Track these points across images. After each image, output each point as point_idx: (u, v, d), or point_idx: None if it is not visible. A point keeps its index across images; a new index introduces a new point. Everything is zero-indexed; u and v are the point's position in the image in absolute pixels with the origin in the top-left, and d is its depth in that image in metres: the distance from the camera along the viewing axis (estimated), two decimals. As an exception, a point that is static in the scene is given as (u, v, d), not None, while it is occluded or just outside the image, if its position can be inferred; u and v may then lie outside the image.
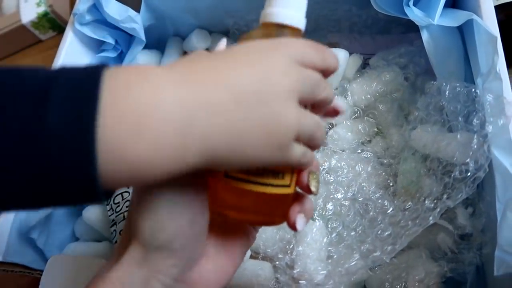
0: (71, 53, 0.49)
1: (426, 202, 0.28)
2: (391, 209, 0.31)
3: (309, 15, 0.51)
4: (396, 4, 0.39)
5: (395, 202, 0.32)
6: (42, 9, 0.68)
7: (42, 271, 0.36)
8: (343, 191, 0.34)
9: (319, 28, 0.52)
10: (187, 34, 0.56)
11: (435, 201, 0.28)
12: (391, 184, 0.34)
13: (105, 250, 0.40)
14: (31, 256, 0.40)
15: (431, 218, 0.26)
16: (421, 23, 0.36)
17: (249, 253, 0.35)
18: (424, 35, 0.36)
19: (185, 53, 0.57)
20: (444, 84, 0.33)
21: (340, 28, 0.51)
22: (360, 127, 0.39)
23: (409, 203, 0.30)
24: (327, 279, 0.29)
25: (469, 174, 0.27)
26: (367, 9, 0.45)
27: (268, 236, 0.35)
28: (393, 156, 0.36)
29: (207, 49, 0.56)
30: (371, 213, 0.32)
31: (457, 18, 0.35)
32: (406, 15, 0.37)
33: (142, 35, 0.50)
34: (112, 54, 0.53)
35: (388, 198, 0.32)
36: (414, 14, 0.36)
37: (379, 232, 0.30)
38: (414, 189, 0.31)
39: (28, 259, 0.39)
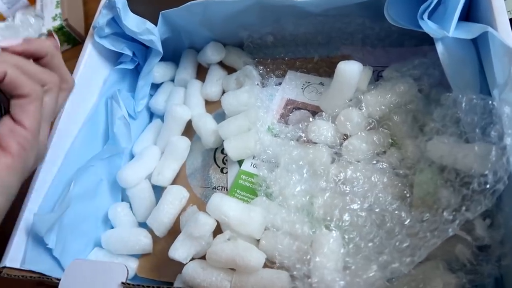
0: (90, 65, 0.50)
1: (444, 213, 0.28)
2: (408, 220, 0.31)
3: (321, 29, 0.52)
4: (410, 17, 0.39)
5: (412, 213, 0.32)
6: (57, 23, 0.69)
7: (59, 279, 0.37)
8: (359, 202, 0.34)
9: (332, 41, 0.53)
10: (202, 46, 0.57)
11: (453, 213, 0.28)
12: (408, 195, 0.34)
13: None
14: (48, 265, 0.40)
15: (450, 230, 0.26)
16: (436, 36, 0.36)
17: (263, 261, 0.35)
18: (439, 47, 0.36)
19: (199, 65, 0.58)
20: (460, 96, 0.33)
21: (353, 41, 0.52)
22: (375, 138, 0.39)
23: (427, 214, 0.30)
24: (344, 290, 0.29)
25: (488, 186, 0.27)
26: (380, 22, 0.46)
27: (284, 246, 0.35)
28: (409, 167, 0.36)
29: (221, 62, 0.56)
30: (388, 224, 0.32)
31: (472, 30, 0.35)
32: (420, 27, 0.37)
33: (159, 47, 0.51)
34: (129, 66, 0.54)
35: (405, 209, 0.32)
36: (429, 26, 0.36)
37: (397, 244, 0.30)
38: (431, 200, 0.32)
39: (45, 267, 0.39)
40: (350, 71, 0.42)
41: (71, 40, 0.72)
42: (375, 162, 0.38)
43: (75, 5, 0.74)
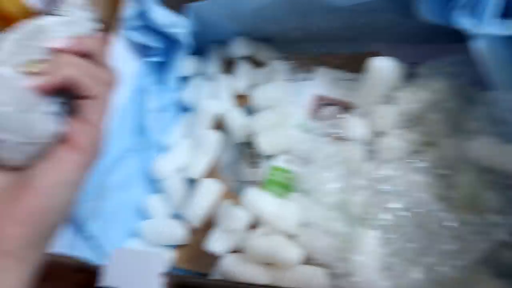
0: (118, 58, 0.51)
1: (490, 217, 0.28)
2: (452, 222, 0.31)
3: (350, 24, 0.52)
4: (443, 12, 0.39)
5: (456, 215, 0.32)
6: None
7: (98, 266, 0.38)
8: (398, 201, 0.35)
9: (360, 37, 0.53)
10: (229, 41, 0.57)
11: (500, 216, 0.28)
12: (449, 196, 0.34)
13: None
14: (88, 252, 0.41)
15: (497, 234, 0.27)
16: (472, 32, 0.36)
17: (301, 257, 0.36)
18: (475, 45, 0.36)
19: (228, 59, 0.58)
20: (501, 94, 0.33)
21: (381, 38, 0.52)
22: (410, 136, 0.39)
23: (472, 217, 0.31)
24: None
25: (535, 188, 0.27)
26: (411, 18, 0.45)
27: (321, 243, 0.36)
28: (448, 166, 0.36)
29: (249, 56, 0.56)
30: (431, 226, 0.32)
31: (510, 27, 0.35)
32: (454, 24, 0.37)
33: (187, 40, 0.51)
34: (157, 59, 0.54)
35: (449, 210, 0.33)
36: (464, 22, 0.36)
37: (442, 246, 0.30)
38: (475, 202, 0.32)
39: (85, 254, 0.40)
40: (384, 67, 0.42)
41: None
42: (411, 160, 0.38)
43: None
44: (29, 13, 0.73)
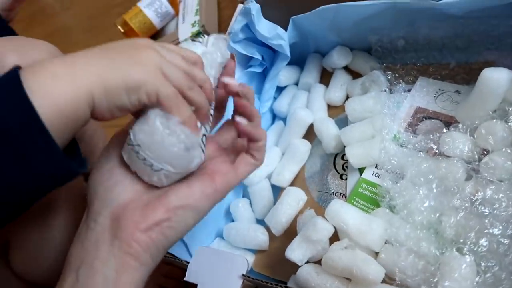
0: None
1: None
2: None
3: (462, 31, 0.48)
4: None
5: None
6: (195, 28, 0.76)
7: (186, 261, 0.40)
8: (501, 227, 0.30)
9: (472, 45, 0.48)
10: (328, 51, 0.57)
11: None
12: None
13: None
14: (177, 248, 0.45)
15: None
16: None
17: (382, 275, 0.34)
18: None
19: (324, 69, 0.58)
20: None
21: (500, 45, 0.46)
22: (522, 157, 0.34)
23: None
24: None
25: None
26: (537, 24, 0.40)
27: (407, 264, 0.33)
28: None
29: (347, 66, 0.56)
30: (538, 257, 0.28)
31: None
32: None
33: (287, 51, 0.53)
34: (258, 70, 0.57)
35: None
36: None
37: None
38: None
39: (175, 249, 0.44)
40: (497, 79, 0.37)
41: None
42: (521, 183, 0.33)
43: (211, 13, 0.81)
44: (152, 30, 0.83)
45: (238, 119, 0.34)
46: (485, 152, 0.37)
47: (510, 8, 0.42)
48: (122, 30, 0.81)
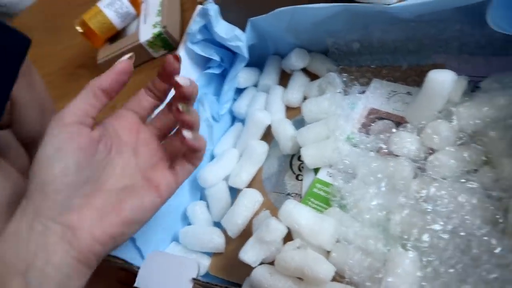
0: (182, 69, 0.54)
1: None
2: (499, 249, 0.28)
3: (413, 34, 0.49)
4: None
5: (505, 241, 0.28)
6: (157, 30, 0.75)
7: (136, 267, 0.39)
8: (442, 223, 0.31)
9: (423, 48, 0.50)
10: (286, 53, 0.57)
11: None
12: (501, 220, 0.30)
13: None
14: (131, 253, 0.44)
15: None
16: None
17: (332, 274, 0.34)
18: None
19: (283, 71, 0.59)
20: None
21: (448, 49, 0.48)
22: (465, 155, 0.36)
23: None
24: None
25: None
26: (482, 28, 0.42)
27: (355, 262, 0.34)
28: (504, 189, 0.32)
29: (305, 68, 0.56)
30: (474, 251, 0.29)
31: None
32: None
33: (245, 53, 0.53)
34: (217, 71, 0.56)
35: (497, 236, 0.29)
36: None
37: (483, 274, 0.26)
38: (529, 230, 0.28)
39: (128, 255, 0.43)
40: (442, 80, 0.39)
41: (167, 46, 0.78)
42: (464, 181, 0.35)
43: (174, 14, 0.80)
44: (112, 31, 0.81)
45: (185, 133, 0.35)
46: (430, 151, 0.39)
47: (456, 13, 0.43)
48: (80, 31, 0.79)
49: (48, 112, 0.56)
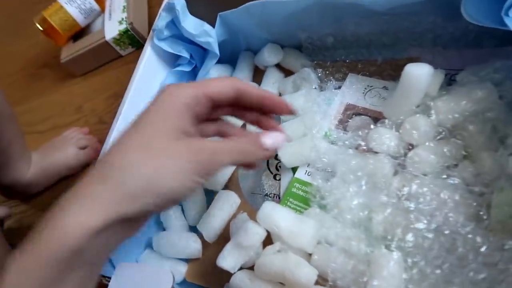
0: (149, 66, 0.51)
1: (531, 242, 0.24)
2: (485, 247, 0.27)
3: (387, 27, 0.49)
4: (491, 14, 0.35)
5: (490, 239, 0.27)
6: (123, 26, 0.72)
7: (107, 278, 0.37)
8: (425, 221, 0.31)
9: (398, 42, 0.49)
10: (259, 48, 0.55)
11: (543, 242, 0.23)
12: (485, 217, 0.30)
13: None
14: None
15: (538, 262, 0.22)
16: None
17: (315, 278, 0.33)
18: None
19: (256, 67, 0.57)
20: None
21: (422, 42, 0.48)
22: (445, 150, 0.35)
23: (509, 242, 0.26)
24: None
25: None
26: (455, 20, 0.41)
27: (338, 264, 0.32)
28: (486, 184, 0.31)
29: (278, 64, 0.55)
30: (460, 250, 0.28)
31: None
32: (504, 25, 0.33)
33: (216, 49, 0.51)
34: (187, 68, 0.54)
35: (481, 233, 0.28)
36: None
37: (471, 274, 0.26)
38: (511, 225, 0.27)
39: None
40: (419, 74, 0.38)
41: (135, 43, 0.75)
42: (445, 176, 0.34)
43: (140, 10, 0.77)
44: (75, 28, 0.77)
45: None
46: (410, 147, 0.38)
47: (430, 5, 0.43)
48: (41, 28, 0.75)
49: (5, 118, 0.52)
